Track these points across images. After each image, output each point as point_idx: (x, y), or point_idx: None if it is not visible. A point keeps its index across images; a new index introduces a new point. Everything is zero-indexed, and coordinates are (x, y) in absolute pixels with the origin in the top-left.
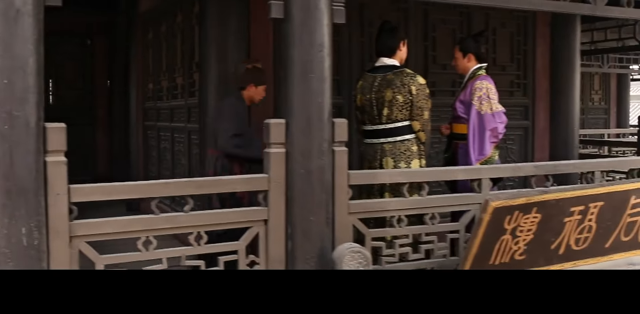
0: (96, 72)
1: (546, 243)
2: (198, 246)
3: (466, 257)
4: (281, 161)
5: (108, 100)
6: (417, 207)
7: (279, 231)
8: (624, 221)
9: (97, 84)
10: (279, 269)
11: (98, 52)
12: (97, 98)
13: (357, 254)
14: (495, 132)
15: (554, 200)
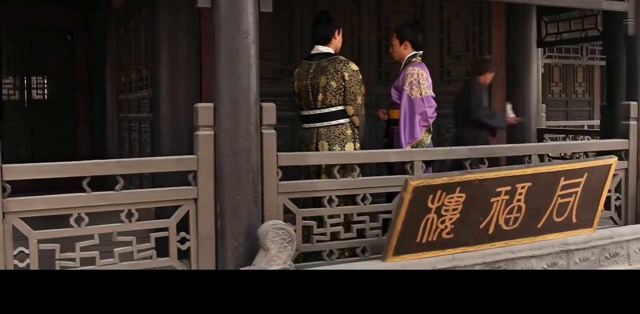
0: (77, 67)
1: (474, 223)
2: (129, 223)
3: (391, 235)
4: (209, 143)
5: (89, 95)
6: (348, 188)
7: (209, 209)
8: (556, 202)
9: (78, 80)
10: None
11: (78, 48)
12: (78, 94)
13: (281, 231)
14: (424, 115)
15: (478, 180)
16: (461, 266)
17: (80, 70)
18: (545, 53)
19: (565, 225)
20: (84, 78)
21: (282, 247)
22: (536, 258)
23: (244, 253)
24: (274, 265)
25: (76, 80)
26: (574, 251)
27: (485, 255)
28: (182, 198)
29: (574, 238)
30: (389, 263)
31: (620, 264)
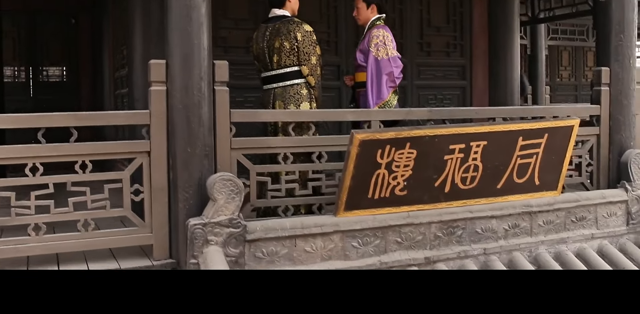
0: (80, 50)
1: (428, 180)
2: (83, 174)
3: (341, 189)
4: (162, 98)
5: (91, 76)
6: (303, 146)
7: (161, 162)
8: (515, 163)
9: (81, 62)
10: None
11: (82, 31)
12: (81, 75)
13: (228, 182)
14: (391, 76)
15: (428, 136)
16: (416, 223)
17: (83, 52)
18: (549, 35)
19: (528, 186)
20: (87, 61)
21: (229, 198)
22: (497, 218)
23: (194, 205)
24: (222, 215)
25: (79, 62)
26: (537, 213)
27: (441, 213)
28: (136, 151)
29: (537, 200)
30: (341, 218)
31: (587, 228)
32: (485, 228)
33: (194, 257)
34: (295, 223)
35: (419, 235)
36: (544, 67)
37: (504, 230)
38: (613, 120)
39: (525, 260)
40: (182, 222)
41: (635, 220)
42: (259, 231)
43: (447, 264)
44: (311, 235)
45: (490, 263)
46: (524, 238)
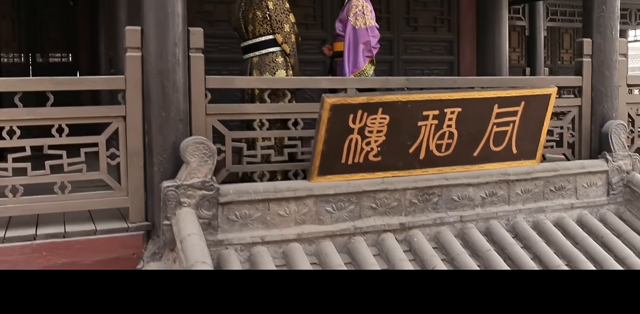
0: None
1: (402, 146)
2: (60, 138)
3: (314, 154)
4: (137, 64)
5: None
6: (278, 112)
7: (137, 126)
8: (491, 131)
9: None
10: (138, 163)
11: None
12: (80, 57)
13: (201, 145)
14: (368, 45)
15: (401, 102)
16: (391, 189)
17: (82, 34)
18: (548, 16)
19: (505, 155)
20: (86, 43)
21: (202, 161)
22: (473, 186)
23: (169, 168)
24: (195, 178)
25: (78, 44)
26: (514, 182)
27: (417, 180)
28: (111, 115)
29: (515, 169)
30: (314, 183)
31: (566, 198)
32: (462, 196)
33: (167, 218)
34: (269, 187)
35: (394, 201)
36: (542, 48)
37: (481, 198)
38: (595, 91)
39: (502, 228)
40: (157, 185)
41: (615, 190)
42: (232, 194)
43: (423, 231)
44: (285, 199)
45: (466, 231)
46: (502, 206)
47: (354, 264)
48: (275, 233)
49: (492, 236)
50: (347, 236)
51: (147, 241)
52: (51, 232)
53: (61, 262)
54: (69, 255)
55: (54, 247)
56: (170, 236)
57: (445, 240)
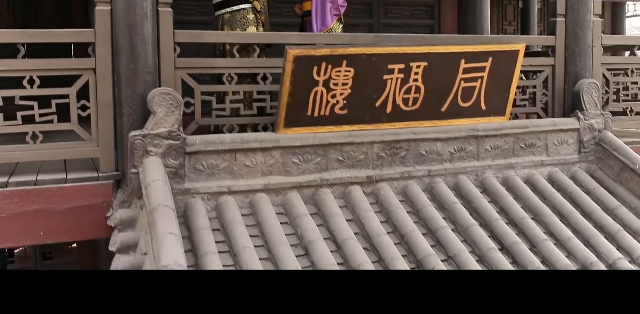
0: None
1: (368, 100)
2: (31, 89)
3: (279, 106)
4: (106, 17)
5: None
6: (246, 66)
7: (106, 79)
8: (459, 86)
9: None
10: (108, 114)
11: None
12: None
13: (167, 96)
14: (335, 3)
15: (365, 54)
16: (357, 142)
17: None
18: None
19: (474, 111)
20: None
21: (169, 111)
22: (442, 141)
23: (138, 119)
24: (161, 128)
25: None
26: (484, 138)
27: (384, 134)
28: (81, 67)
29: (484, 125)
30: (281, 134)
31: (537, 155)
32: (430, 150)
33: (134, 167)
34: (235, 138)
35: (361, 154)
36: (535, 20)
37: (450, 153)
38: (568, 51)
39: (471, 183)
40: (126, 136)
41: (587, 148)
42: (199, 144)
43: (391, 184)
44: (251, 149)
45: (434, 185)
46: (471, 161)
47: (320, 215)
48: (242, 183)
49: (460, 191)
50: (314, 187)
51: (116, 190)
52: (23, 180)
53: (32, 209)
54: (40, 202)
55: (25, 194)
56: (137, 184)
57: (412, 193)
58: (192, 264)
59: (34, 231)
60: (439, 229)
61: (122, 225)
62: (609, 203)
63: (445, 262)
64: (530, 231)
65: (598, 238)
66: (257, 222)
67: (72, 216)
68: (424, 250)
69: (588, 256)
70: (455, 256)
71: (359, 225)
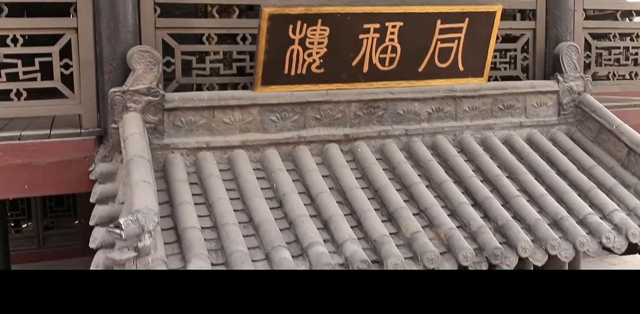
0: None
1: (345, 59)
2: (15, 47)
3: (256, 64)
4: None
5: None
6: (226, 27)
7: (88, 37)
8: (435, 47)
9: None
10: (90, 73)
11: None
12: None
13: (146, 53)
14: None
15: (340, 13)
16: (335, 101)
17: None
18: None
19: (451, 71)
20: None
21: (147, 69)
22: (419, 101)
23: (119, 77)
24: (140, 84)
25: None
26: (461, 99)
27: (361, 93)
28: (64, 27)
29: (462, 86)
30: (258, 92)
31: (515, 117)
32: (408, 110)
33: (114, 122)
34: (213, 95)
35: (338, 113)
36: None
37: (427, 113)
38: (549, 14)
39: (448, 143)
40: (107, 93)
41: (567, 111)
42: (177, 100)
43: (368, 143)
44: (229, 107)
45: (412, 144)
46: (448, 122)
47: (297, 171)
48: (220, 139)
49: (438, 150)
50: (292, 145)
51: (99, 146)
52: (7, 135)
53: (17, 163)
54: (24, 156)
55: (9, 148)
56: (117, 139)
57: (389, 152)
58: (168, 214)
59: (18, 185)
60: (412, 185)
61: (102, 178)
62: (585, 163)
63: (417, 216)
64: (504, 187)
65: (571, 195)
66: (234, 176)
67: (55, 170)
68: (396, 203)
69: (559, 211)
70: (426, 210)
71: (334, 181)
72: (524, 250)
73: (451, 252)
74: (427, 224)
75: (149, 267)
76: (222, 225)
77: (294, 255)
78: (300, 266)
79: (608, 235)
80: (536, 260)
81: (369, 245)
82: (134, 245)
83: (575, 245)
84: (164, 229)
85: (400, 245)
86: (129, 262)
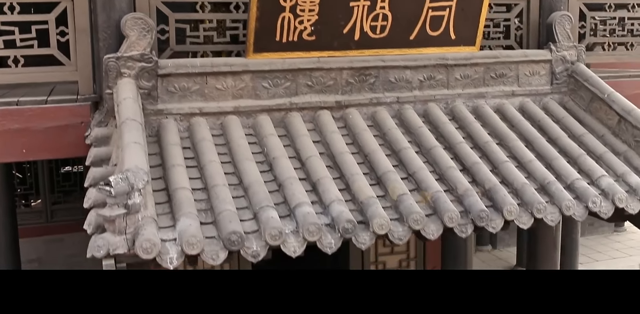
0: None
1: (336, 26)
2: (11, 15)
3: (248, 31)
4: None
5: None
6: None
7: (84, 5)
8: (427, 15)
9: None
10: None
11: None
12: None
13: (139, 20)
14: None
15: None
16: (326, 68)
17: None
18: None
19: (443, 40)
20: None
21: (141, 35)
22: (411, 69)
23: (113, 44)
24: (134, 51)
25: None
26: (453, 67)
27: (352, 60)
28: None
29: (453, 54)
30: (250, 59)
31: (508, 85)
32: (399, 78)
33: (109, 88)
34: (206, 62)
35: (330, 80)
36: None
37: (419, 81)
38: None
39: (440, 110)
40: (103, 60)
41: (560, 80)
42: (170, 67)
43: (360, 110)
44: (221, 73)
45: (403, 111)
46: (440, 90)
47: (288, 136)
48: (213, 105)
49: (429, 117)
50: (284, 111)
51: (94, 111)
52: (5, 100)
53: (15, 128)
54: (21, 121)
55: (7, 113)
56: (112, 104)
57: (380, 118)
58: (160, 176)
59: (17, 149)
60: (401, 150)
61: (97, 142)
62: (576, 131)
63: (406, 180)
64: (493, 153)
65: (560, 161)
66: (227, 141)
67: (52, 135)
68: (385, 167)
69: (546, 176)
70: (414, 174)
71: (325, 146)
72: (510, 213)
73: (437, 214)
74: (414, 187)
75: (139, 225)
76: (212, 187)
77: (281, 215)
78: (287, 226)
79: (594, 199)
80: (522, 223)
81: (356, 207)
82: (124, 202)
83: (561, 209)
84: (156, 190)
85: (387, 207)
86: (119, 219)
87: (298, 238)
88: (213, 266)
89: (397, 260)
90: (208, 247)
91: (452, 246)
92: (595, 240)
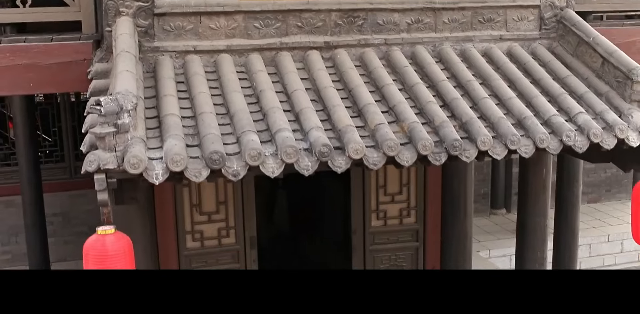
0: None
1: None
2: None
3: None
4: None
5: None
6: None
7: None
8: None
9: None
10: None
11: None
12: None
13: None
14: None
15: None
16: (315, 9)
17: None
18: None
19: None
20: None
21: None
22: (399, 12)
23: None
24: None
25: None
26: (441, 11)
27: (341, 2)
28: None
29: None
30: (242, 0)
31: (496, 30)
32: (387, 21)
33: (108, 26)
34: (200, 1)
35: (319, 21)
36: None
37: (407, 24)
38: None
39: (428, 53)
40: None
41: (548, 25)
42: (166, 6)
43: (348, 50)
44: (215, 13)
45: (391, 53)
46: (428, 33)
47: (277, 74)
48: (207, 43)
49: (416, 59)
50: (275, 50)
51: (96, 49)
52: (14, 38)
53: (23, 63)
54: (28, 57)
55: (16, 50)
56: (111, 41)
57: (367, 58)
58: (153, 106)
59: (25, 83)
60: (385, 86)
61: (97, 75)
62: (560, 73)
63: (386, 113)
64: (474, 91)
65: (539, 99)
66: (218, 77)
67: (57, 70)
68: (366, 100)
69: (523, 112)
70: (394, 107)
71: (311, 82)
72: (483, 143)
73: (412, 143)
74: (393, 120)
75: (128, 144)
76: (200, 114)
77: (263, 140)
78: (268, 150)
79: (569, 133)
80: (496, 154)
81: (335, 135)
82: (114, 121)
83: (535, 142)
84: (149, 118)
85: (365, 136)
86: (109, 136)
87: (276, 160)
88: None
89: (398, 208)
90: (191, 165)
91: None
92: (612, 205)
